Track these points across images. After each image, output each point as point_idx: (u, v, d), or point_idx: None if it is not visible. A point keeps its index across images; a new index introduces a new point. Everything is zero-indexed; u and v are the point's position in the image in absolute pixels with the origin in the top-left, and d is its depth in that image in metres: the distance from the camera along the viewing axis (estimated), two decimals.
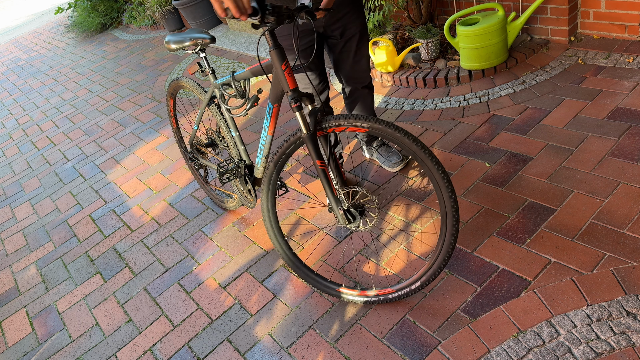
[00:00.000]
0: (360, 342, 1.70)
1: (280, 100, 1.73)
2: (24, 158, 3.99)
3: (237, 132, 2.09)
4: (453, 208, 1.53)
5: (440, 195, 1.53)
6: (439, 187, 1.51)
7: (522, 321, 1.59)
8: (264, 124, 1.87)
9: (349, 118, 1.52)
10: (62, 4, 10.86)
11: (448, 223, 1.55)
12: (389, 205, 2.25)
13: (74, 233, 2.80)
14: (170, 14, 5.95)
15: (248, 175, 2.14)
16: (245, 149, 2.12)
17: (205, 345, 1.88)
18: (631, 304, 1.54)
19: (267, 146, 1.90)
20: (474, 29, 2.83)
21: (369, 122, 1.50)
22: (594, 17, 2.96)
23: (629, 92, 2.46)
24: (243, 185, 2.18)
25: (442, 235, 1.59)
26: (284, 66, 1.54)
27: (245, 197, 2.24)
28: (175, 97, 2.54)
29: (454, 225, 1.55)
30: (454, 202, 1.52)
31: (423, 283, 1.68)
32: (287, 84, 1.56)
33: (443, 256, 1.60)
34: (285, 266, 2.11)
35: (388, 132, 1.49)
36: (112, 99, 4.63)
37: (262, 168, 2.00)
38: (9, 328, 2.27)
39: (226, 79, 1.95)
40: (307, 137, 1.58)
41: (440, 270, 1.63)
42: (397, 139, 1.49)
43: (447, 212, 1.54)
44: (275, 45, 1.52)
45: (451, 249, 1.58)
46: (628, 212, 1.85)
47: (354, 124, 1.52)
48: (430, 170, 1.50)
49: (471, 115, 2.69)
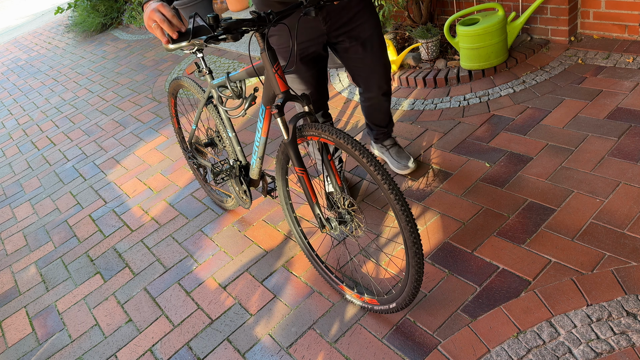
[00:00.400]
0: (360, 342, 1.70)
1: (272, 101, 1.71)
2: (24, 158, 3.99)
3: (233, 132, 2.10)
4: (412, 238, 1.45)
5: (400, 225, 1.46)
6: (397, 216, 1.45)
7: (522, 321, 1.59)
8: (257, 125, 1.87)
9: (319, 129, 1.52)
10: (62, 4, 10.86)
11: (410, 254, 1.49)
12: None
13: (74, 233, 2.80)
14: None
15: (243, 176, 2.14)
16: (241, 150, 2.12)
17: (205, 345, 1.88)
18: (631, 304, 1.54)
19: (261, 148, 1.89)
20: (474, 29, 2.83)
21: (335, 136, 1.48)
22: (594, 17, 2.96)
23: (629, 92, 2.46)
24: (238, 186, 2.18)
25: (407, 266, 1.53)
26: (274, 68, 1.54)
27: (241, 198, 2.23)
28: (176, 97, 2.54)
29: (416, 257, 1.48)
30: (414, 231, 1.44)
31: (399, 306, 1.64)
32: (278, 86, 1.56)
33: (410, 288, 1.56)
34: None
35: (349, 149, 1.46)
36: (112, 99, 4.63)
37: (257, 169, 2.00)
38: (9, 328, 2.27)
39: (222, 80, 1.95)
40: (287, 143, 1.58)
41: (412, 300, 1.60)
42: (356, 157, 1.46)
43: (407, 242, 1.47)
44: (267, 47, 1.51)
45: (417, 281, 1.54)
46: (628, 212, 1.85)
47: (323, 135, 1.52)
48: (386, 195, 1.44)
49: (471, 115, 2.69)
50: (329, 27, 1.85)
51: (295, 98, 1.57)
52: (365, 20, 1.89)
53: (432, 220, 2.10)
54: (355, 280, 1.95)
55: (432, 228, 2.06)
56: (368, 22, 1.90)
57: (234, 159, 2.14)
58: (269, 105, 1.73)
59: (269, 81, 1.62)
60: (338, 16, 1.84)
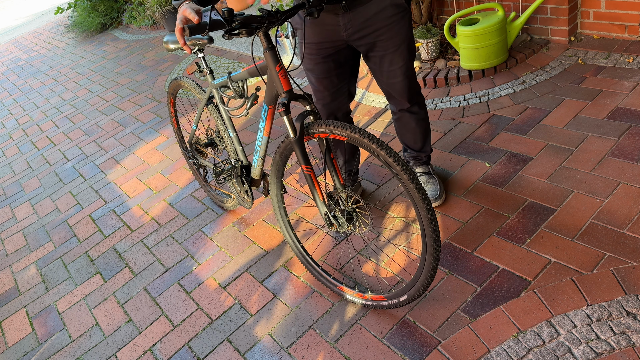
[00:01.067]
0: (360, 342, 1.70)
1: (275, 101, 1.71)
2: (24, 158, 3.99)
3: (234, 132, 2.09)
4: (432, 226, 1.47)
5: (418, 213, 1.47)
6: (416, 204, 1.46)
7: (522, 321, 1.59)
8: (259, 125, 1.87)
9: (330, 125, 1.51)
10: (62, 4, 10.86)
11: (428, 242, 1.50)
12: (389, 205, 2.25)
13: (74, 233, 2.80)
14: (170, 14, 5.95)
15: (245, 176, 2.14)
16: (242, 150, 2.12)
17: (205, 345, 1.88)
18: (631, 304, 1.54)
19: (263, 147, 1.89)
20: (474, 29, 2.83)
21: (347, 131, 1.48)
22: (594, 17, 2.96)
23: (629, 92, 2.46)
24: (240, 185, 2.18)
25: (423, 255, 1.54)
26: (277, 67, 1.54)
27: (242, 198, 2.23)
28: (176, 97, 2.54)
29: (434, 245, 1.49)
30: (433, 219, 1.46)
31: (410, 297, 1.65)
32: (282, 85, 1.55)
33: (425, 276, 1.57)
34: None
35: (364, 142, 1.45)
36: (112, 99, 4.63)
37: (258, 169, 2.00)
38: (9, 328, 2.27)
39: (223, 79, 1.95)
40: (294, 141, 1.57)
41: (425, 289, 1.61)
42: (373, 150, 1.45)
43: (426, 230, 1.48)
44: (269, 46, 1.51)
45: (433, 269, 1.55)
46: (628, 212, 1.85)
47: (334, 132, 1.51)
48: (406, 185, 1.45)
49: (471, 115, 2.69)
50: (348, 35, 1.74)
51: (298, 97, 1.57)
52: (394, 35, 1.75)
53: None
54: (356, 281, 1.95)
55: None
56: (397, 36, 1.75)
57: (235, 159, 2.14)
58: (272, 105, 1.73)
59: (271, 80, 1.62)
60: (361, 26, 1.72)
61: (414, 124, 2.06)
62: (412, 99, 1.97)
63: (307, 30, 1.77)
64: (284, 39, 3.94)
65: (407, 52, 1.81)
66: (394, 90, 1.92)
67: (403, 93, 1.92)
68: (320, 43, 1.79)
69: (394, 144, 2.65)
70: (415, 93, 1.97)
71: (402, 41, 1.77)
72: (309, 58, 1.86)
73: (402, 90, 1.91)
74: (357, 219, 1.65)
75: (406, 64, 1.84)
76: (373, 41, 1.76)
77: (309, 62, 1.88)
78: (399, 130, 2.12)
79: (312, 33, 1.77)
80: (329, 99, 1.98)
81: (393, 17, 1.71)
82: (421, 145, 2.15)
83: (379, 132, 2.79)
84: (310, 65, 1.88)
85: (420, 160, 2.22)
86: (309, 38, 1.79)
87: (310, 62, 1.87)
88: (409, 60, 1.84)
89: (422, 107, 2.04)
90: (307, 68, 1.91)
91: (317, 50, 1.82)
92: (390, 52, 1.78)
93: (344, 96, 2.01)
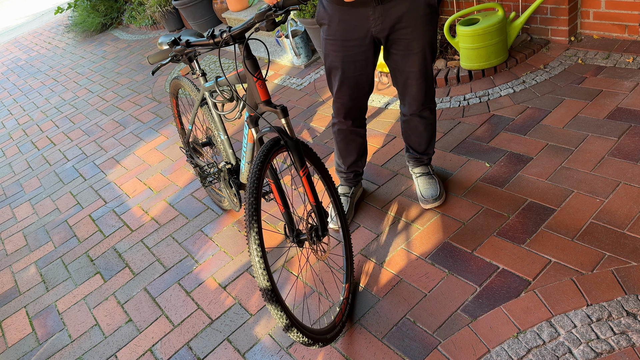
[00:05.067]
0: (360, 342, 1.70)
1: (256, 108, 1.68)
2: (24, 158, 3.99)
3: (225, 135, 2.09)
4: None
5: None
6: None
7: (522, 321, 1.59)
8: (243, 131, 1.88)
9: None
10: (62, 4, 10.86)
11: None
12: (389, 205, 2.25)
13: (74, 233, 2.80)
14: (170, 14, 5.95)
15: (234, 180, 2.12)
16: (233, 152, 2.12)
17: (205, 345, 1.88)
18: (631, 304, 1.54)
19: (249, 153, 1.89)
20: (474, 29, 2.83)
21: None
22: (594, 17, 2.96)
23: (629, 92, 2.46)
24: (228, 189, 2.17)
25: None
26: (255, 78, 1.54)
27: (232, 201, 2.22)
28: (177, 98, 2.54)
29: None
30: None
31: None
32: (259, 95, 1.55)
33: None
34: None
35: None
36: (112, 99, 4.63)
37: (246, 173, 1.99)
38: (9, 328, 2.27)
39: (211, 84, 1.95)
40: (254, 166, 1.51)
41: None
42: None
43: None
44: (248, 55, 1.51)
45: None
46: (628, 212, 1.85)
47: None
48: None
49: (471, 115, 2.69)
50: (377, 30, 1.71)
51: (274, 108, 1.57)
52: (420, 35, 1.74)
53: (432, 220, 2.10)
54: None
55: (432, 228, 2.06)
56: (423, 37, 1.74)
57: (226, 161, 2.14)
58: (253, 113, 1.71)
59: (250, 90, 1.62)
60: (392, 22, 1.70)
61: (422, 128, 2.05)
62: (426, 102, 1.95)
63: (334, 26, 1.74)
64: (284, 39, 3.94)
65: (430, 54, 1.80)
66: (409, 90, 1.90)
67: (418, 96, 1.91)
68: (346, 40, 1.76)
69: (395, 143, 2.65)
70: (430, 98, 1.96)
71: (428, 43, 1.76)
72: (334, 55, 1.81)
73: (418, 93, 1.90)
74: (311, 245, 1.64)
75: (427, 67, 1.83)
76: (400, 38, 1.74)
77: (333, 59, 1.82)
78: (405, 132, 2.11)
79: (339, 29, 1.74)
80: (347, 97, 1.92)
81: (424, 17, 1.70)
82: (425, 148, 2.15)
83: (379, 131, 2.79)
84: (336, 62, 1.82)
85: (421, 161, 2.22)
86: (335, 34, 1.75)
87: (335, 59, 1.82)
88: (430, 63, 1.83)
89: (433, 112, 2.04)
90: (331, 66, 1.85)
91: (343, 47, 1.78)
92: (414, 52, 1.77)
93: (364, 92, 1.94)
